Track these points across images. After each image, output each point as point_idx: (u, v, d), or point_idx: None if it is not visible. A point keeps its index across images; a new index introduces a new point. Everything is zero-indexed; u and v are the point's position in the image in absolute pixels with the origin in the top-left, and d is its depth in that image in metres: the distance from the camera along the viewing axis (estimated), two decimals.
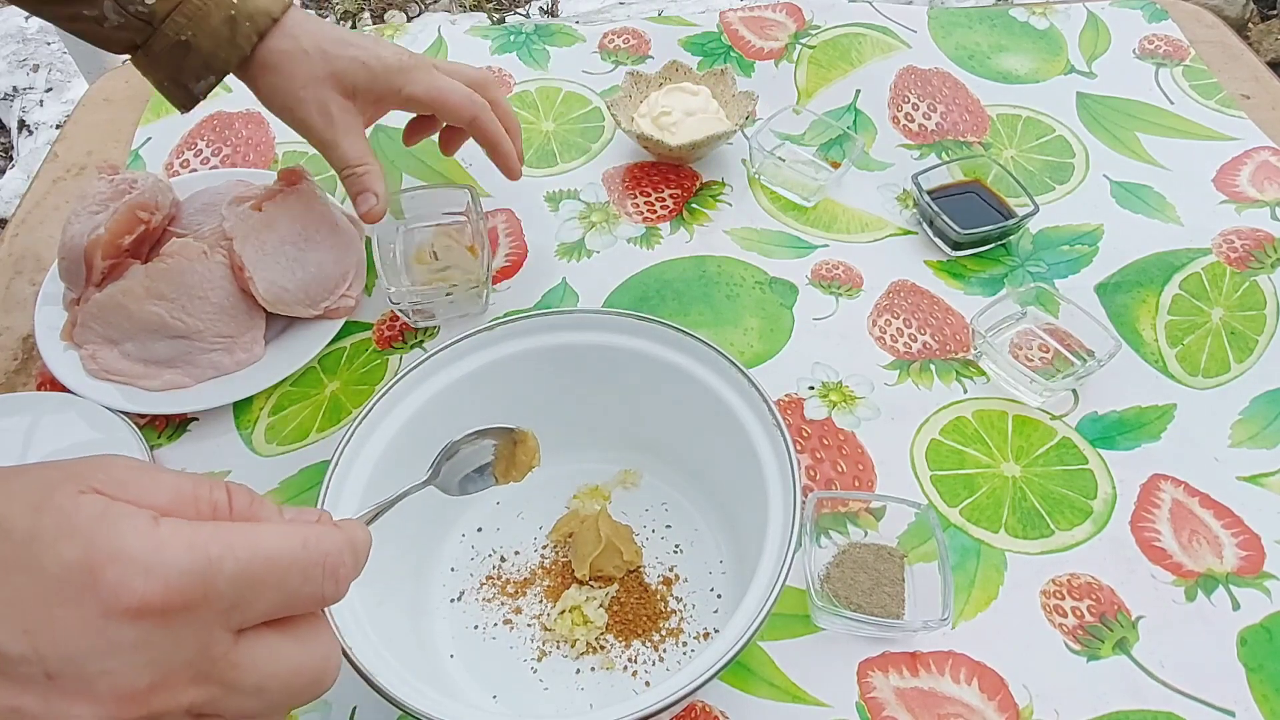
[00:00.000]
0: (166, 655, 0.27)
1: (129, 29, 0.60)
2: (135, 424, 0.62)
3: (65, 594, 0.26)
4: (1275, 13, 2.23)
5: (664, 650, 0.54)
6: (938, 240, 0.73)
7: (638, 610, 0.55)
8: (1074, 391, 0.65)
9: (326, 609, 0.33)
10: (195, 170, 0.81)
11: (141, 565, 0.27)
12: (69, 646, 0.26)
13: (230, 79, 0.64)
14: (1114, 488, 0.60)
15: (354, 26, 2.28)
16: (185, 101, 0.65)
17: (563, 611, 0.55)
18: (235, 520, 0.31)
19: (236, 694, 0.29)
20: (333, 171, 0.65)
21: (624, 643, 0.54)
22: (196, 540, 0.28)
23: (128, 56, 0.63)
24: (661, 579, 0.57)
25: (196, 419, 0.65)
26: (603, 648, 0.54)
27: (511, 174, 0.70)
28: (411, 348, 0.68)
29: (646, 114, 0.79)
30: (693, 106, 0.78)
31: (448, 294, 0.66)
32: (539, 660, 0.54)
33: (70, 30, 0.61)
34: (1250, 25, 2.19)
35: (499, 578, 0.57)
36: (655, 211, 0.76)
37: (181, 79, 0.63)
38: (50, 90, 2.02)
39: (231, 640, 0.29)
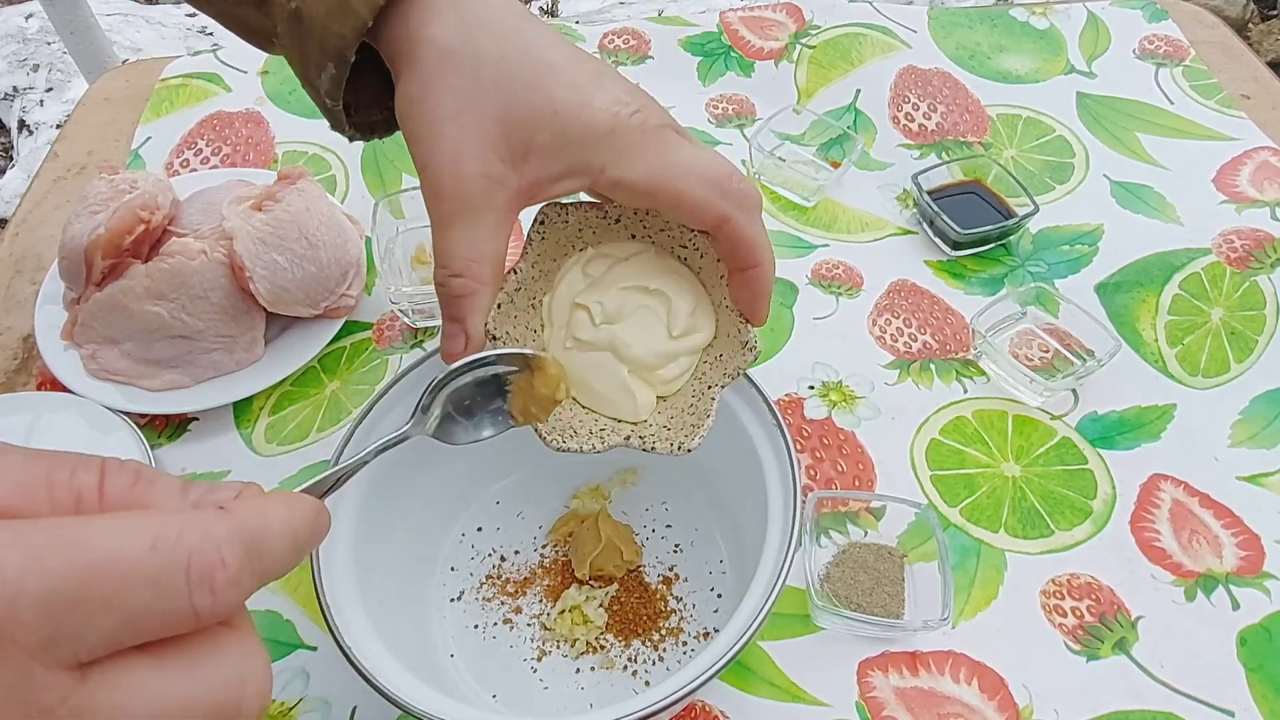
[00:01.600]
0: None
1: (246, 3, 0.46)
2: (135, 424, 0.62)
3: None
4: (1275, 13, 2.23)
5: (664, 650, 0.54)
6: (938, 240, 0.73)
7: (638, 610, 0.55)
8: (1074, 391, 0.65)
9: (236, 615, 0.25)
10: (195, 170, 0.81)
11: None
12: None
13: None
14: (1114, 488, 0.60)
15: None
16: (332, 120, 0.46)
17: (562, 611, 0.55)
18: (107, 509, 0.25)
19: None
20: (334, 171, 0.65)
21: (624, 642, 0.54)
22: None
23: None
24: (661, 579, 0.57)
25: (196, 419, 0.65)
26: (603, 647, 0.54)
27: (757, 317, 0.44)
28: (411, 348, 0.68)
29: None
30: None
31: None
32: (539, 660, 0.54)
33: (228, 27, 0.49)
34: (1250, 25, 2.19)
35: (499, 577, 0.57)
36: None
37: (308, 75, 0.44)
38: (50, 90, 2.03)
39: (71, 681, 0.22)
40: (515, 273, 0.44)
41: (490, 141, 0.39)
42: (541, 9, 2.29)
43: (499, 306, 0.43)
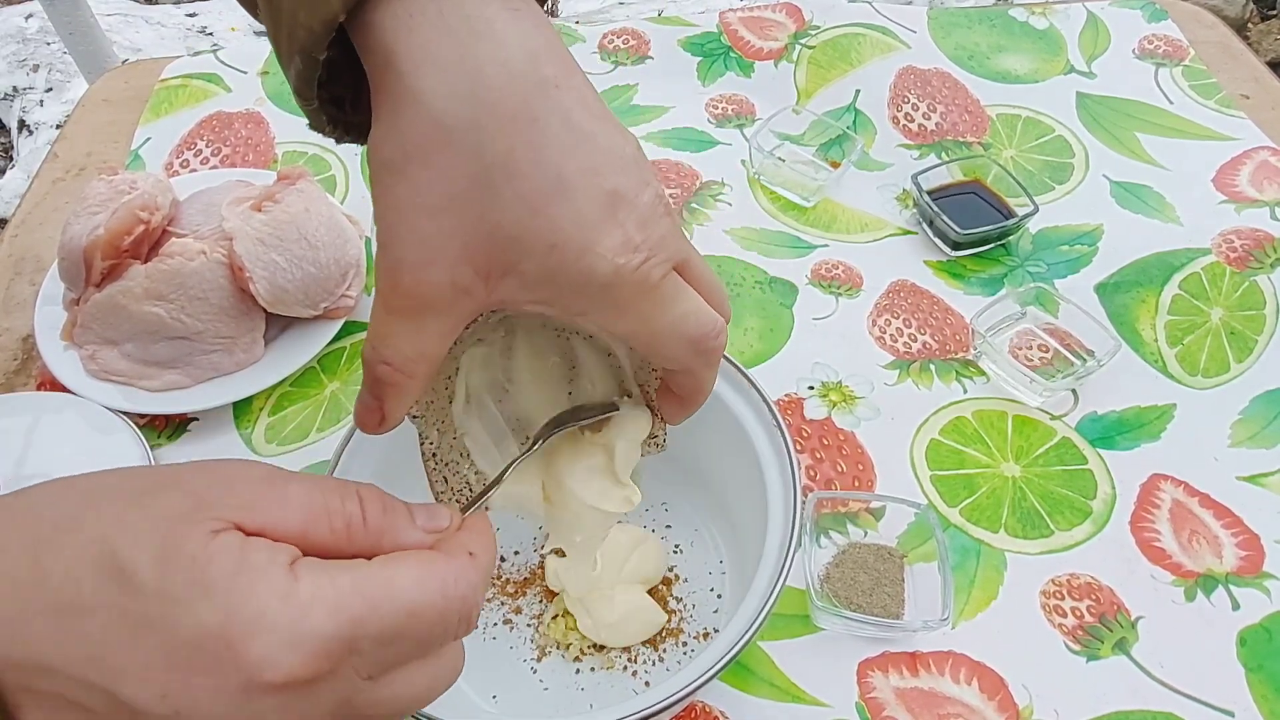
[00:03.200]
0: (307, 714, 0.27)
1: None
2: (135, 424, 0.62)
3: (204, 661, 0.25)
4: (1275, 13, 2.23)
5: (664, 650, 0.54)
6: (937, 240, 0.73)
7: None
8: (1074, 391, 0.65)
9: None
10: (195, 170, 0.81)
11: (286, 639, 0.26)
12: (208, 713, 0.26)
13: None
14: (1114, 488, 0.60)
15: None
16: (310, 120, 0.39)
17: (555, 616, 0.55)
18: (370, 534, 0.30)
19: None
20: (334, 172, 0.65)
21: None
22: (341, 602, 0.27)
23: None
24: (661, 579, 0.57)
25: (196, 419, 0.65)
26: (602, 648, 0.54)
27: (673, 421, 0.42)
28: None
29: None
30: None
31: None
32: (539, 660, 0.54)
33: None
34: (1250, 25, 2.19)
35: (499, 577, 0.57)
36: None
37: (281, 66, 0.37)
38: (50, 90, 2.02)
39: (371, 685, 0.29)
40: None
41: (470, 252, 0.33)
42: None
43: None
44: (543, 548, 0.58)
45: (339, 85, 0.37)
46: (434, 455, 0.41)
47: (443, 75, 0.31)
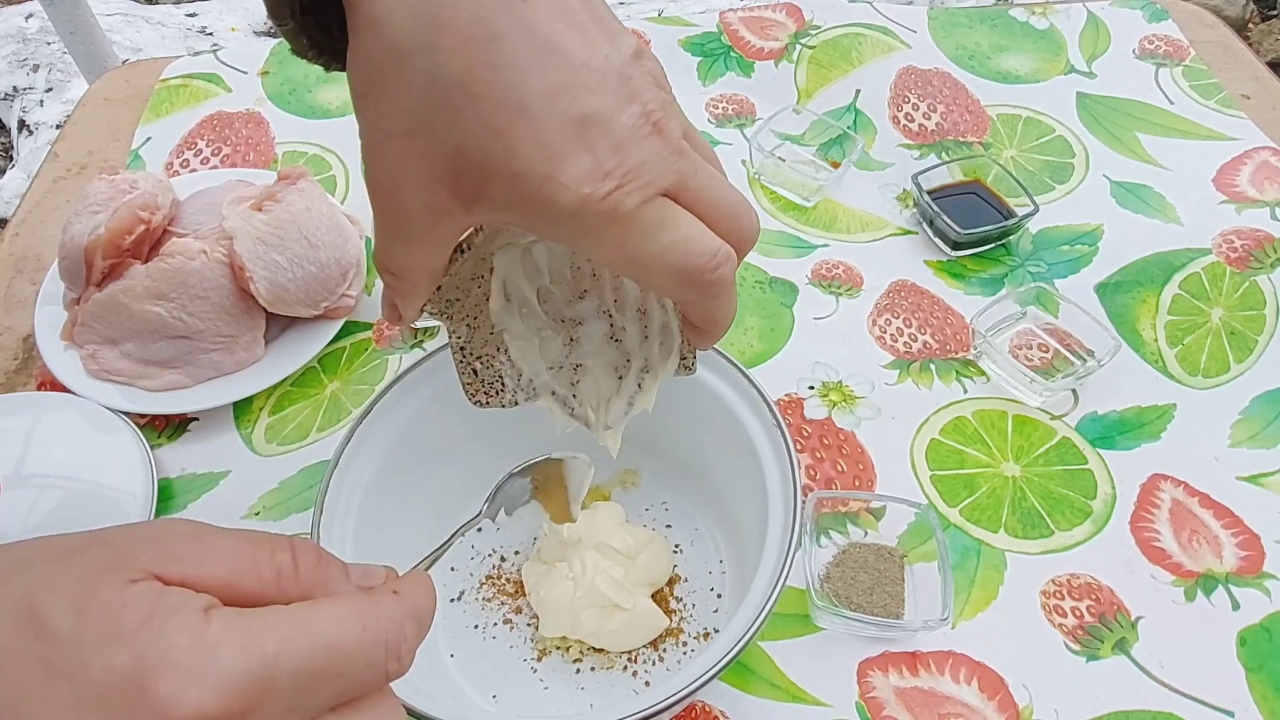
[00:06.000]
0: None
1: None
2: (135, 424, 0.62)
3: (113, 704, 0.25)
4: (1275, 13, 2.23)
5: (664, 650, 0.54)
6: (938, 240, 0.73)
7: None
8: (1074, 391, 0.65)
9: None
10: (195, 170, 0.81)
11: (194, 675, 0.25)
12: None
13: None
14: (1114, 488, 0.60)
15: None
16: (292, 45, 0.39)
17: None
18: (301, 584, 0.30)
19: None
20: (334, 171, 0.65)
21: None
22: (251, 640, 0.26)
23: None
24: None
25: (196, 419, 0.65)
26: (603, 648, 0.54)
27: (703, 346, 0.41)
28: (411, 348, 0.68)
29: None
30: None
31: None
32: (539, 660, 0.54)
33: None
34: (1250, 25, 2.19)
35: (499, 577, 0.57)
36: None
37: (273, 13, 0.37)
38: (50, 90, 2.03)
39: None
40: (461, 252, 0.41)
41: (439, 174, 0.32)
42: None
43: (439, 288, 0.41)
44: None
45: (326, 12, 0.36)
46: (462, 349, 0.43)
47: None
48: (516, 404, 0.45)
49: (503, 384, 0.44)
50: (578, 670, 0.54)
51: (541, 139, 0.31)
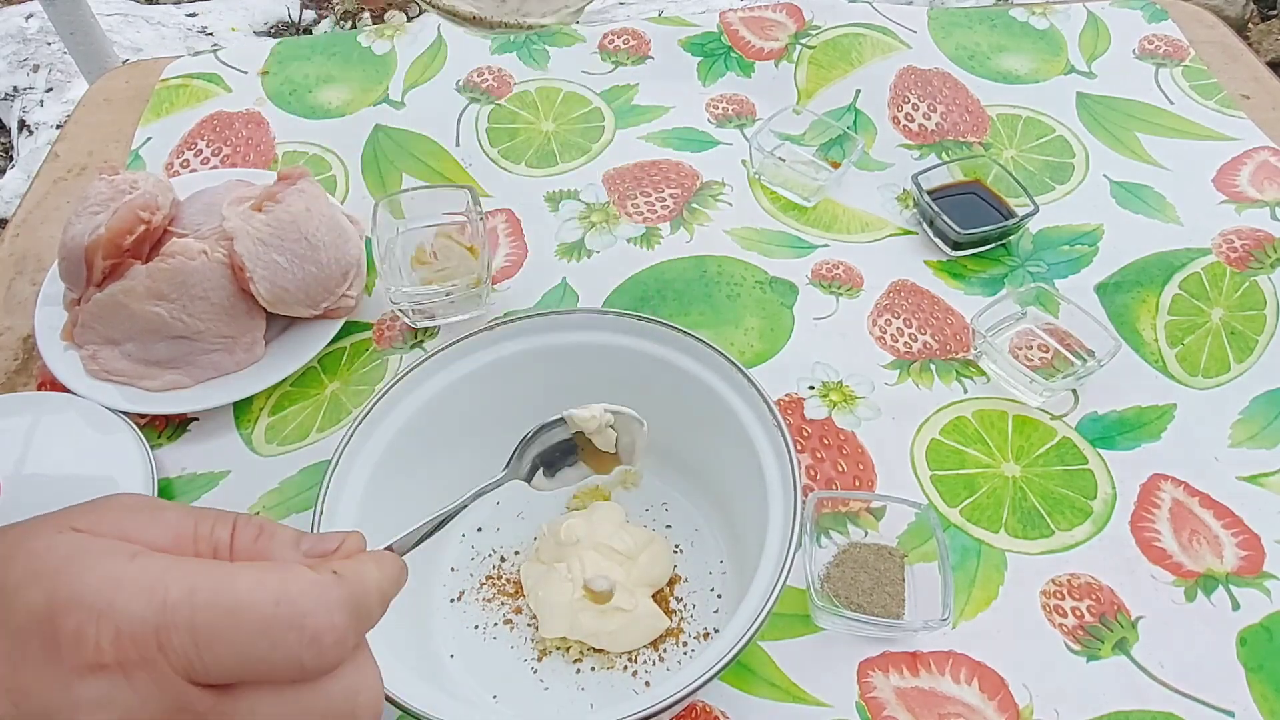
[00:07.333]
0: (136, 713, 0.25)
1: None
2: (135, 424, 0.62)
3: (33, 648, 0.25)
4: (1275, 13, 2.23)
5: (664, 650, 0.54)
6: (938, 240, 0.73)
7: None
8: (1074, 391, 0.65)
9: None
10: (195, 170, 0.81)
11: (94, 611, 0.25)
12: (41, 705, 0.25)
13: None
14: (1114, 488, 0.60)
15: (354, 27, 2.28)
16: None
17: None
18: (236, 559, 0.29)
19: None
20: (334, 172, 0.65)
21: None
22: (156, 583, 0.25)
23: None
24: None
25: (196, 419, 0.65)
26: (603, 648, 0.54)
27: None
28: (411, 348, 0.68)
29: None
30: None
31: (447, 294, 0.66)
32: (539, 660, 0.54)
33: None
34: (1250, 25, 2.19)
35: (499, 578, 0.57)
36: (655, 211, 0.77)
37: None
38: (50, 90, 2.03)
39: (212, 696, 0.26)
40: None
41: None
42: None
43: None
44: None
45: None
46: None
47: None
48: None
49: None
50: (578, 670, 0.54)
51: None
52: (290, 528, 0.30)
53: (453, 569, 0.58)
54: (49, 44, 2.09)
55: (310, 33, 2.30)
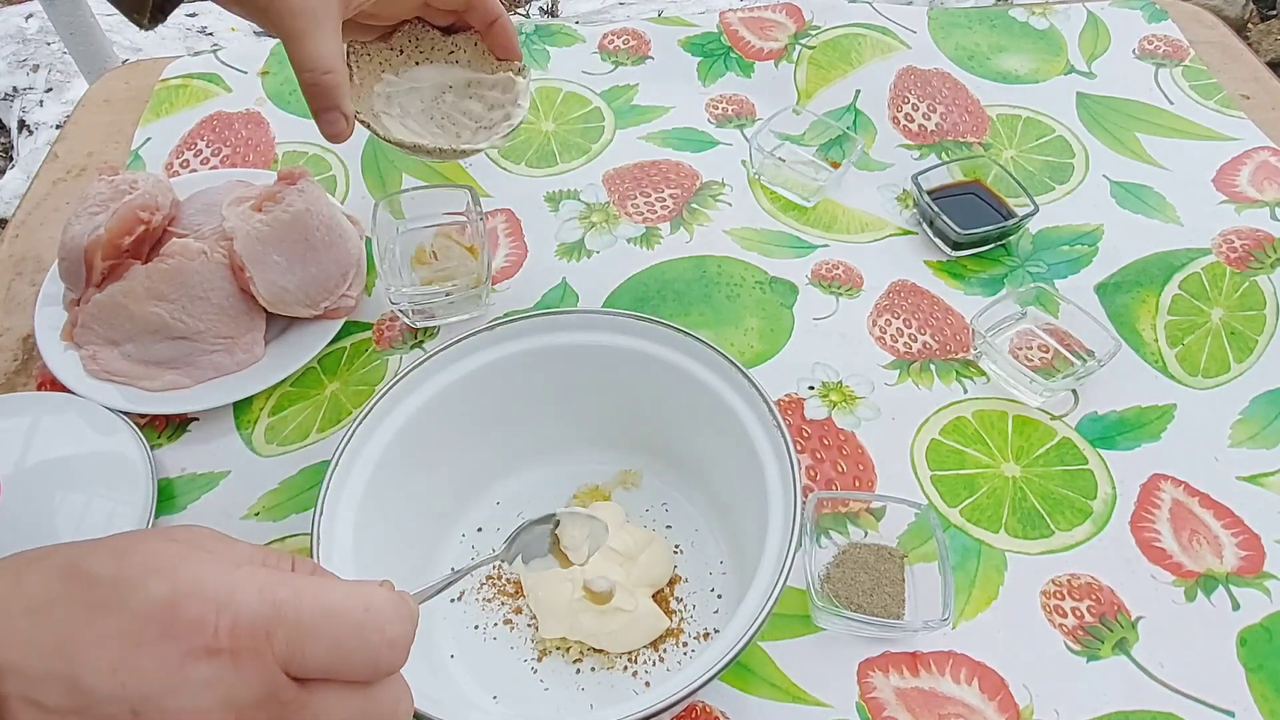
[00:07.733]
0: (238, 695, 0.29)
1: None
2: (135, 424, 0.62)
3: (150, 633, 0.28)
4: (1275, 13, 2.23)
5: (664, 650, 0.54)
6: (938, 240, 0.73)
7: None
8: (1074, 391, 0.65)
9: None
10: (195, 170, 0.81)
11: (216, 602, 0.29)
12: (151, 685, 0.28)
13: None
14: (1114, 488, 0.60)
15: None
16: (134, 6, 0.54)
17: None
18: None
19: None
20: (334, 172, 0.65)
21: None
22: (267, 584, 0.30)
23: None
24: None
25: (196, 419, 0.65)
26: (603, 649, 0.54)
27: (513, 51, 0.64)
28: (411, 348, 0.68)
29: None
30: None
31: (448, 294, 0.66)
32: (539, 660, 0.54)
33: None
34: (1250, 25, 2.19)
35: (499, 578, 0.57)
36: (655, 211, 0.77)
37: None
38: (50, 90, 2.02)
39: (296, 687, 0.30)
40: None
41: None
42: (541, 9, 2.29)
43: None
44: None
45: None
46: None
47: None
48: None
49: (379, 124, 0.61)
50: (578, 670, 0.54)
51: None
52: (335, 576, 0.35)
53: (453, 569, 0.58)
54: (49, 44, 2.09)
55: None
